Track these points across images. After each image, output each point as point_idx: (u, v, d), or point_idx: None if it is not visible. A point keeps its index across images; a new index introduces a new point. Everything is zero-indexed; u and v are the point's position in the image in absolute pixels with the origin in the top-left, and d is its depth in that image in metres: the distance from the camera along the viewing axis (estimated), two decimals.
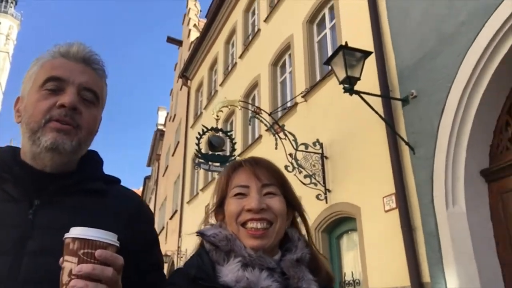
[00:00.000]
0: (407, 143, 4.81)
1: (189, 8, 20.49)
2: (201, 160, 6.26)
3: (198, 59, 14.94)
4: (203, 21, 19.73)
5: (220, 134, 6.30)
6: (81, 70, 1.05)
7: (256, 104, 9.60)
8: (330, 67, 5.32)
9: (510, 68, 4.16)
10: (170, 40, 21.62)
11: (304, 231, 1.14)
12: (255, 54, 10.06)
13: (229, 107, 6.49)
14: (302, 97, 7.29)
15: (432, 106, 4.64)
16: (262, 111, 6.43)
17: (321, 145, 6.46)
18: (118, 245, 0.79)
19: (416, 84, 4.92)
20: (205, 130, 6.15)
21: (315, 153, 6.40)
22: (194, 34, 18.33)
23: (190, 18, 19.77)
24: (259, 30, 10.07)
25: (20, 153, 1.04)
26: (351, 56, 4.89)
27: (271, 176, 1.07)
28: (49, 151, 0.97)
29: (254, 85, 9.88)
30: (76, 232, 0.76)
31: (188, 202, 13.34)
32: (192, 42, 17.35)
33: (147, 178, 30.00)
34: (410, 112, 4.96)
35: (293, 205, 1.11)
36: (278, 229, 1.03)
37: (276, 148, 6.22)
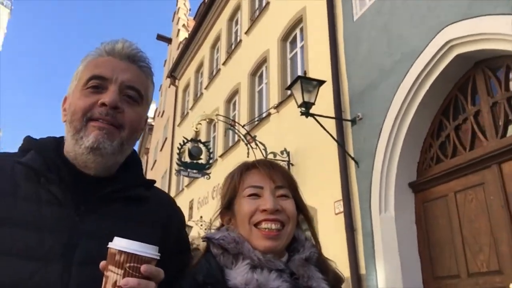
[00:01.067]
0: (352, 158, 5.76)
1: (179, 7, 21.16)
2: (181, 168, 7.16)
3: (186, 60, 15.72)
4: (192, 19, 20.52)
5: (199, 144, 7.20)
6: (125, 67, 1.03)
7: (236, 110, 10.53)
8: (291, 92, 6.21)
9: (433, 100, 5.11)
10: (160, 37, 22.33)
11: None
12: (237, 62, 10.92)
13: (207, 120, 7.38)
14: (275, 108, 8.20)
15: (372, 128, 5.59)
16: (236, 123, 7.31)
17: (288, 153, 7.39)
18: (158, 258, 0.81)
19: (362, 108, 5.86)
20: (185, 141, 7.05)
21: (283, 160, 7.33)
22: (183, 34, 19.06)
23: (179, 18, 20.47)
24: (240, 40, 10.93)
25: (64, 149, 1.03)
26: (308, 84, 5.80)
27: (284, 179, 1.09)
28: (91, 152, 0.96)
29: (235, 92, 10.75)
30: (122, 244, 0.77)
31: (175, 196, 14.26)
32: (180, 42, 18.10)
33: None
34: (356, 132, 5.90)
35: (300, 208, 1.12)
36: (290, 231, 1.05)
37: (248, 156, 7.15)
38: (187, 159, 7.25)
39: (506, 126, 4.34)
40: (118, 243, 0.77)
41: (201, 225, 10.66)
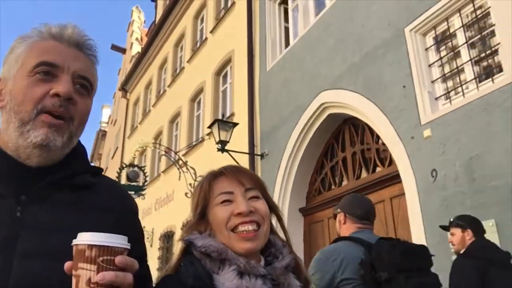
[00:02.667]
0: None
1: (133, 20, 21.95)
2: None
3: (137, 76, 16.67)
4: (146, 31, 21.39)
5: (136, 169, 8.35)
6: (75, 55, 0.95)
7: (178, 130, 11.72)
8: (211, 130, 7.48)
9: (316, 145, 6.53)
10: (115, 47, 23.05)
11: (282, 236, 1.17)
12: (180, 86, 12.09)
13: (144, 147, 8.54)
14: (207, 135, 9.45)
15: (274, 163, 6.96)
16: (169, 150, 8.52)
17: None
18: (129, 247, 0.76)
19: (268, 146, 7.23)
20: (124, 166, 8.19)
21: None
22: (136, 48, 19.91)
23: (133, 31, 21.25)
24: (183, 67, 12.11)
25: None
26: (225, 125, 7.11)
27: (252, 181, 1.09)
28: (37, 148, 0.88)
29: (177, 114, 11.92)
30: (91, 238, 0.72)
31: None
32: (133, 56, 18.97)
33: None
34: (264, 165, 7.26)
35: (270, 207, 1.12)
36: (266, 231, 1.05)
37: (179, 179, 8.37)
38: (125, 181, 8.37)
39: (360, 170, 5.80)
40: (86, 238, 0.72)
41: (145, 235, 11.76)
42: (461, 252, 3.00)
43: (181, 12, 13.02)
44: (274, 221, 1.17)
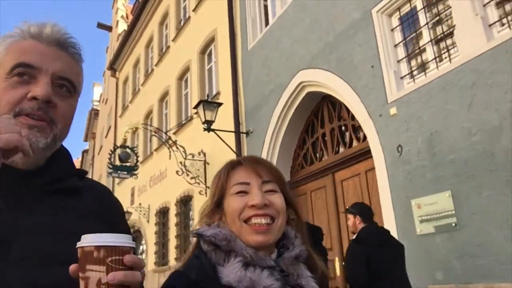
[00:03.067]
0: None
1: None
2: (112, 170, 8.59)
3: (124, 55, 16.69)
4: (131, 8, 21.18)
5: (127, 150, 8.63)
6: (55, 55, 0.91)
7: (168, 109, 11.93)
8: (196, 111, 7.71)
9: (297, 122, 6.80)
10: (101, 25, 22.86)
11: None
12: (166, 67, 12.21)
13: (133, 128, 8.79)
14: (195, 113, 9.68)
15: (258, 140, 7.24)
16: (159, 130, 8.77)
17: (204, 154, 8.97)
18: (135, 246, 0.77)
19: (253, 124, 7.49)
20: (116, 147, 8.46)
21: (199, 160, 8.91)
22: (122, 26, 19.76)
23: (118, 8, 21.02)
24: (169, 46, 12.20)
25: None
26: (210, 105, 7.34)
27: (270, 174, 1.08)
28: None
29: (166, 93, 12.10)
30: (97, 239, 0.72)
31: (118, 184, 15.58)
32: (119, 34, 18.89)
33: (85, 152, 31.48)
34: (249, 143, 7.55)
35: (289, 203, 1.11)
36: (280, 225, 1.04)
37: (170, 158, 8.66)
38: (117, 162, 8.66)
39: (338, 145, 6.10)
40: (92, 239, 0.72)
41: (140, 210, 12.20)
42: (354, 236, 3.61)
43: None
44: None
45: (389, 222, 4.43)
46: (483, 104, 3.62)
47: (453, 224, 3.79)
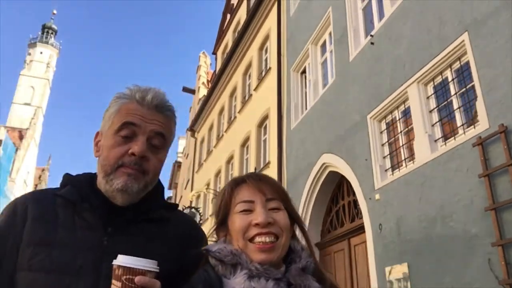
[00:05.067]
0: None
1: (200, 65, 24.82)
2: None
3: (202, 118, 19.29)
4: (211, 72, 24.08)
5: (193, 210, 10.58)
6: (153, 117, 1.16)
7: (232, 171, 13.89)
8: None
9: (324, 193, 8.23)
10: (185, 89, 26.09)
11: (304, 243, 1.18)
12: (233, 134, 14.31)
13: (200, 192, 10.76)
14: None
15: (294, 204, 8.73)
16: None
17: None
18: (157, 270, 0.92)
19: (292, 192, 9.01)
20: (184, 207, 10.44)
21: None
22: (203, 91, 22.66)
23: (200, 75, 24.08)
24: (235, 117, 14.35)
25: (97, 182, 1.19)
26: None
27: (274, 191, 1.11)
28: (120, 192, 1.12)
29: (231, 157, 14.13)
30: (120, 260, 0.90)
31: None
32: (200, 99, 21.71)
33: (169, 198, 34.72)
34: None
35: (293, 218, 1.15)
36: (284, 243, 1.06)
37: None
38: None
39: (353, 216, 7.43)
40: (118, 260, 0.90)
41: None
42: None
43: (234, 68, 15.36)
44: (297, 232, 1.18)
45: (373, 283, 5.68)
46: (427, 199, 4.92)
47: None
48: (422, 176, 5.05)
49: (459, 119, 4.87)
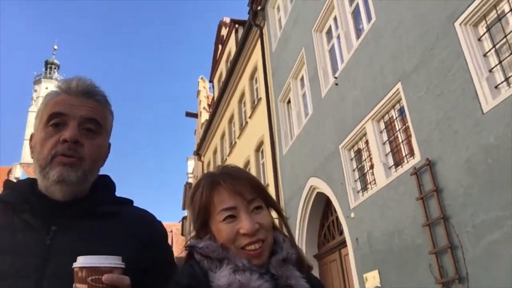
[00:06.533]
0: None
1: (199, 90, 26.03)
2: None
3: (207, 142, 20.51)
4: (212, 95, 25.23)
5: None
6: (82, 103, 1.13)
7: None
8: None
9: (316, 212, 9.35)
10: (188, 114, 27.35)
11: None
12: (235, 157, 15.48)
13: None
14: None
15: (292, 224, 9.87)
16: None
17: None
18: (123, 266, 0.88)
19: (288, 211, 10.18)
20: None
21: None
22: (204, 116, 23.85)
23: (200, 100, 25.28)
24: (236, 142, 15.55)
25: (37, 184, 1.14)
26: None
27: (252, 190, 1.09)
28: (57, 184, 1.07)
29: None
30: (82, 261, 0.84)
31: None
32: (202, 124, 22.92)
33: (184, 218, 35.86)
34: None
35: (274, 208, 1.17)
36: (270, 241, 1.09)
37: None
38: None
39: (341, 230, 8.53)
40: (78, 261, 0.85)
41: None
42: None
43: (229, 96, 16.57)
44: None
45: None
46: (386, 217, 6.04)
47: None
48: (381, 197, 6.18)
49: (403, 150, 6.00)
